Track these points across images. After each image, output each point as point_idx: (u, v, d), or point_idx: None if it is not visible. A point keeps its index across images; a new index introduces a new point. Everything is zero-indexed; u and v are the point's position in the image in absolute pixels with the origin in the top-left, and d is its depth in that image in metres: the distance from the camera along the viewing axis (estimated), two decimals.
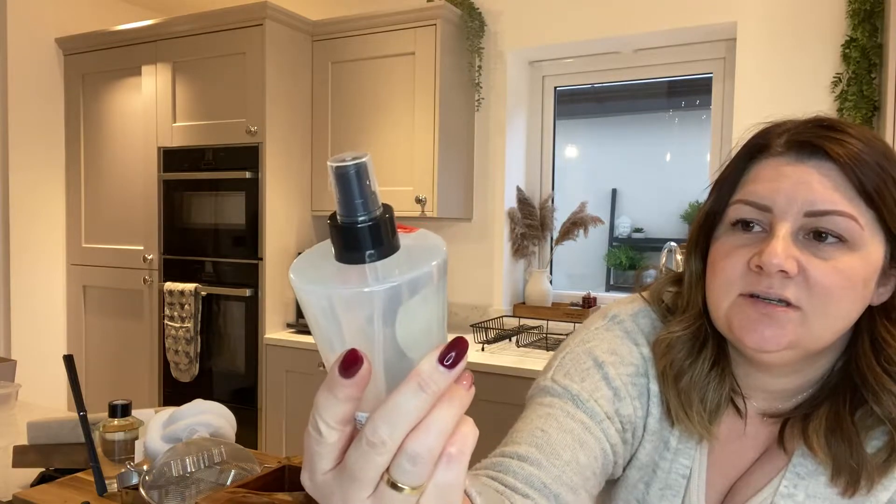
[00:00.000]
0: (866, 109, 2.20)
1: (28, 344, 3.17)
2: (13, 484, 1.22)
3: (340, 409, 0.33)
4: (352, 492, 0.33)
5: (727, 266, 0.66)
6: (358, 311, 0.34)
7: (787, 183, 0.64)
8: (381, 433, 0.32)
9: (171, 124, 2.95)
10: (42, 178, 3.22)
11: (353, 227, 0.34)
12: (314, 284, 0.34)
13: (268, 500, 0.93)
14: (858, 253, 0.63)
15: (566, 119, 3.11)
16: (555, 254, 3.02)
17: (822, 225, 0.62)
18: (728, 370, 0.73)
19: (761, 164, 0.67)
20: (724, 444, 0.75)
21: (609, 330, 0.78)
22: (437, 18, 2.64)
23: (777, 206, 0.64)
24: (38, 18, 3.17)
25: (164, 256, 3.00)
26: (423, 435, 0.32)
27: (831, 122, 0.66)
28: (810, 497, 0.68)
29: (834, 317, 0.63)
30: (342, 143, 2.87)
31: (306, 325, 2.79)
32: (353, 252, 0.34)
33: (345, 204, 0.34)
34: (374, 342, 0.34)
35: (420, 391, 0.32)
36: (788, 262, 0.61)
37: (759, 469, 0.72)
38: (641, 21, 2.58)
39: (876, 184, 0.62)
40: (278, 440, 2.73)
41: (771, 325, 0.63)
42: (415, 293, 0.35)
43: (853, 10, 2.21)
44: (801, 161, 0.64)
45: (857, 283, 0.63)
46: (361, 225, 0.34)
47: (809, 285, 0.62)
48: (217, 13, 2.79)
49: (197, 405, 1.22)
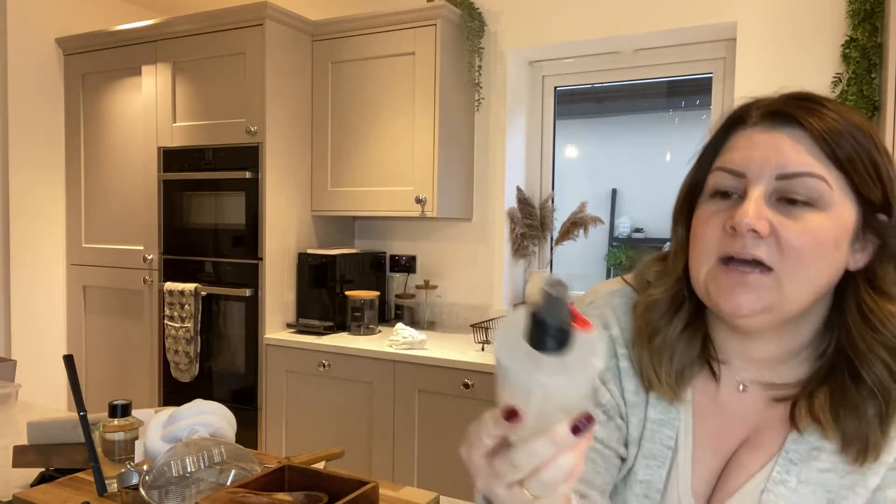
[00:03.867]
0: (866, 109, 2.20)
1: (28, 344, 3.17)
2: (13, 484, 1.22)
3: (497, 432, 0.49)
4: (494, 483, 0.50)
5: (706, 231, 0.69)
6: (536, 386, 0.47)
7: (759, 150, 0.67)
8: (521, 463, 0.48)
9: (171, 124, 2.95)
10: (42, 177, 3.22)
11: (547, 326, 0.47)
12: (513, 362, 0.48)
13: (268, 500, 0.93)
14: (828, 213, 0.65)
15: (566, 119, 3.11)
16: (555, 254, 3.02)
17: (794, 187, 0.65)
18: (701, 333, 0.76)
19: (738, 134, 0.70)
20: (708, 416, 0.76)
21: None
22: (437, 18, 2.64)
23: (750, 171, 0.67)
24: (38, 18, 3.17)
25: (164, 256, 3.00)
26: (552, 471, 0.48)
27: (807, 94, 0.69)
28: (802, 482, 0.69)
29: (806, 278, 0.66)
30: (342, 143, 2.88)
31: (306, 325, 2.80)
32: (542, 344, 0.47)
33: (548, 313, 0.47)
34: (535, 404, 0.47)
35: (552, 445, 0.47)
36: (759, 223, 0.64)
37: (750, 452, 0.73)
38: (641, 21, 2.58)
39: (848, 152, 0.65)
40: (278, 440, 2.73)
41: (745, 291, 0.66)
42: (578, 385, 0.47)
43: (853, 10, 2.21)
44: (773, 129, 0.67)
45: (826, 244, 0.65)
46: (554, 329, 0.47)
47: (780, 245, 0.65)
48: (217, 13, 2.79)
49: (197, 405, 1.22)
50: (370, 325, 2.80)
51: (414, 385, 2.43)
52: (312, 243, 2.99)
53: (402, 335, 2.51)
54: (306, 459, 1.22)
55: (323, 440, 2.63)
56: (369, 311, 2.80)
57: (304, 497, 0.97)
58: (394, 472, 2.48)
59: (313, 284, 2.86)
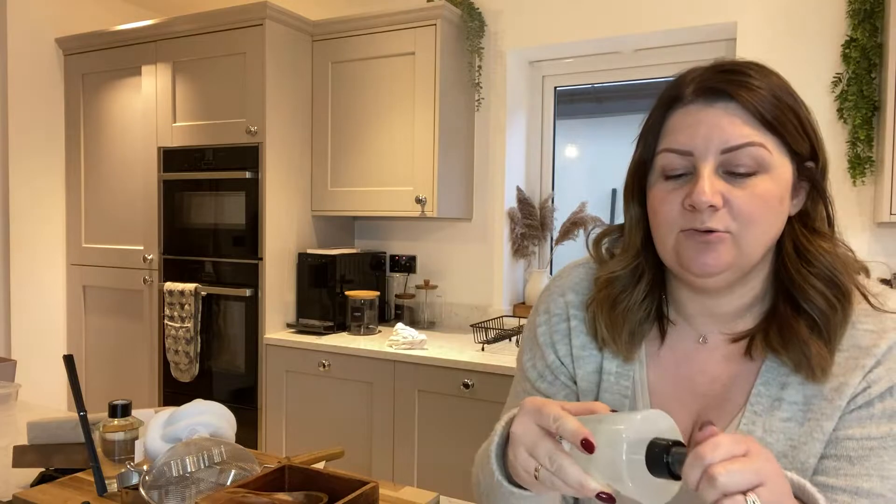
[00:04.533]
0: (866, 109, 2.20)
1: (28, 344, 3.17)
2: (13, 484, 1.22)
3: (565, 435, 0.62)
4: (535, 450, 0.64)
5: (665, 210, 0.76)
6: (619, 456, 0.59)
7: (701, 128, 0.73)
8: (557, 475, 0.63)
9: (171, 124, 2.95)
10: (42, 178, 3.22)
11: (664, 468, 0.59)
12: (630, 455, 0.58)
13: (268, 500, 0.93)
14: (770, 175, 0.72)
15: (566, 119, 3.11)
16: (555, 254, 3.02)
17: (738, 158, 0.72)
18: (656, 300, 0.84)
19: (677, 112, 0.76)
20: (668, 368, 0.84)
21: (548, 289, 0.94)
22: (436, 18, 2.64)
23: (697, 149, 0.73)
24: (38, 18, 3.17)
25: (164, 256, 3.00)
26: (562, 483, 0.63)
27: (731, 65, 0.75)
28: (767, 432, 0.75)
29: (760, 233, 0.73)
30: (342, 143, 2.88)
31: (306, 325, 2.80)
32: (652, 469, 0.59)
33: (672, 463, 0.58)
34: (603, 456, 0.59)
35: (580, 481, 0.61)
36: (715, 198, 0.71)
37: (719, 407, 0.79)
38: (641, 21, 2.58)
39: (775, 114, 0.72)
40: (278, 440, 2.73)
41: (710, 252, 0.73)
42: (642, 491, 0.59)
43: (853, 10, 2.21)
44: (709, 105, 0.73)
45: (773, 202, 0.73)
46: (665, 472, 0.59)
47: (734, 213, 0.72)
48: (217, 13, 2.79)
49: (197, 405, 1.22)
50: (370, 325, 2.80)
51: (414, 385, 2.43)
52: (312, 243, 2.99)
53: (402, 335, 2.51)
54: (306, 459, 1.22)
55: (323, 440, 2.62)
56: (369, 311, 2.80)
57: (304, 497, 0.97)
58: (394, 472, 2.48)
59: (313, 284, 2.86)
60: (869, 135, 2.21)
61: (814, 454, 0.74)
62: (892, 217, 2.06)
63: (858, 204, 2.29)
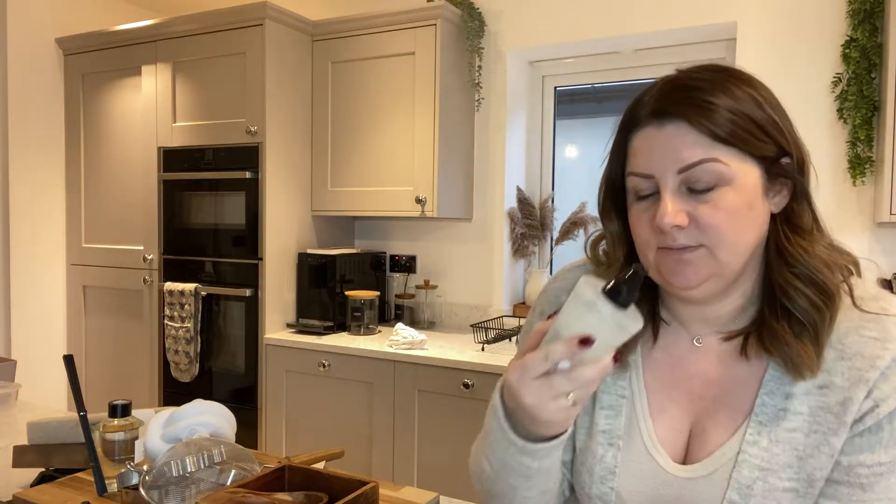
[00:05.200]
0: (866, 109, 2.20)
1: (28, 344, 3.17)
2: (13, 484, 1.22)
3: (563, 355, 0.65)
4: (547, 393, 0.67)
5: (640, 232, 0.78)
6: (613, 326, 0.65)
7: (656, 151, 0.74)
8: (578, 378, 0.66)
9: (171, 124, 2.95)
10: (42, 177, 3.22)
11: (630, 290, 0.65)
12: (601, 303, 0.65)
13: (268, 500, 0.93)
14: (732, 186, 0.72)
15: (566, 119, 3.11)
16: (555, 254, 3.02)
17: (695, 175, 0.72)
18: (646, 307, 0.84)
19: (636, 135, 0.77)
20: (663, 368, 0.84)
21: (545, 291, 0.95)
22: (437, 18, 2.64)
23: (655, 172, 0.74)
24: (38, 18, 3.17)
25: (164, 256, 3.00)
26: (592, 386, 0.68)
27: (684, 81, 0.75)
28: (773, 442, 0.75)
29: (734, 242, 0.73)
30: (342, 143, 2.87)
31: (306, 325, 2.80)
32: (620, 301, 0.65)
33: (632, 282, 0.65)
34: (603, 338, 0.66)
35: (601, 370, 0.67)
36: (678, 217, 0.72)
37: (722, 412, 0.79)
38: (641, 21, 2.58)
39: (728, 128, 0.71)
40: (278, 440, 2.73)
41: (688, 267, 0.74)
42: (628, 335, 0.66)
43: (853, 10, 2.21)
44: (661, 127, 0.74)
45: (741, 211, 0.73)
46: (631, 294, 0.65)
47: (701, 228, 0.73)
48: (217, 13, 2.79)
49: (197, 405, 1.22)
50: (370, 325, 2.80)
51: (414, 385, 2.43)
52: (312, 243, 2.99)
53: (402, 335, 2.51)
54: (306, 459, 1.22)
55: (323, 440, 2.62)
56: (369, 311, 2.80)
57: (304, 497, 0.97)
58: (394, 472, 2.48)
59: (313, 284, 2.86)
60: (869, 135, 2.20)
61: (820, 467, 0.74)
62: (892, 217, 2.06)
63: (858, 204, 2.29)
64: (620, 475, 0.82)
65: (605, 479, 0.82)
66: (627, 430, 0.83)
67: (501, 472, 0.77)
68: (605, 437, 0.83)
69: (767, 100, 0.75)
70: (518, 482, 0.77)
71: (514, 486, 0.78)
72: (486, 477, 0.80)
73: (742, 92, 0.73)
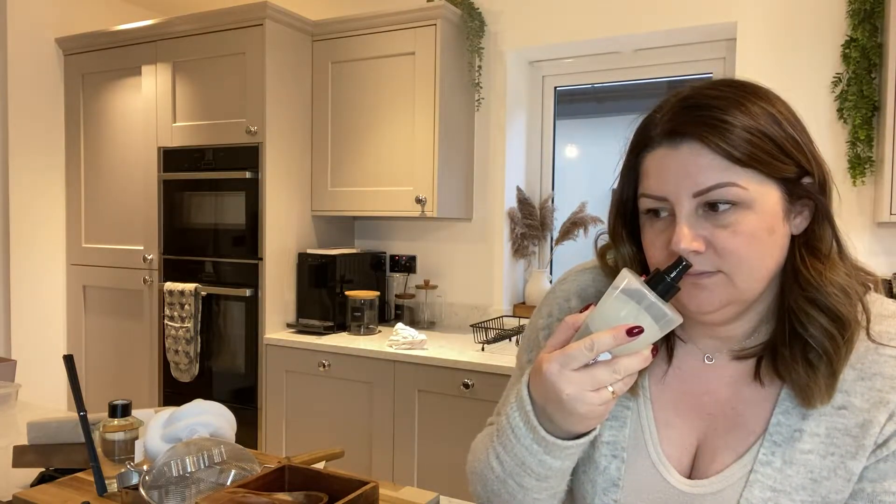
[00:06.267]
0: (866, 109, 2.20)
1: (28, 344, 3.17)
2: (13, 484, 1.22)
3: (610, 345, 0.66)
4: (588, 385, 0.66)
5: (655, 254, 0.74)
6: (659, 317, 0.67)
7: (670, 173, 0.71)
8: (620, 371, 0.67)
9: (171, 124, 2.95)
10: (42, 177, 3.22)
11: (671, 284, 0.68)
12: (649, 295, 0.67)
13: (268, 500, 0.93)
14: (752, 209, 0.69)
15: (566, 119, 3.11)
16: (555, 254, 3.02)
17: (711, 198, 0.69)
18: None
19: (648, 156, 0.74)
20: (672, 383, 0.82)
21: (553, 292, 0.93)
22: (437, 18, 2.64)
23: (670, 195, 0.71)
24: (38, 18, 3.17)
25: (164, 256, 3.00)
26: (633, 377, 0.69)
27: (698, 99, 0.71)
28: (787, 463, 0.73)
29: (753, 268, 0.70)
30: (342, 143, 2.87)
31: (306, 325, 2.80)
32: (663, 293, 0.67)
33: (673, 275, 0.68)
34: (648, 329, 0.67)
35: (642, 361, 0.68)
36: (695, 243, 0.69)
37: (733, 432, 0.77)
38: (641, 21, 2.58)
39: (746, 150, 0.68)
40: (278, 440, 2.73)
41: (704, 292, 0.71)
42: (663, 326, 0.68)
43: (853, 10, 2.21)
44: (675, 148, 0.71)
45: (760, 235, 0.69)
46: (673, 287, 0.68)
47: (719, 253, 0.70)
48: (217, 13, 2.79)
49: (197, 405, 1.22)
50: (370, 325, 2.80)
51: (414, 385, 2.43)
52: (312, 243, 2.99)
53: (402, 335, 2.51)
54: (306, 459, 1.22)
55: (323, 440, 2.63)
56: (369, 311, 2.80)
57: (304, 497, 0.97)
58: (394, 472, 2.48)
59: (313, 284, 2.86)
60: (869, 135, 2.21)
61: (836, 490, 0.72)
62: (892, 217, 2.06)
63: (858, 204, 2.29)
64: (624, 487, 0.80)
65: (608, 491, 0.80)
66: (632, 443, 0.81)
67: (514, 472, 0.75)
68: (609, 449, 0.81)
69: (786, 116, 0.71)
70: (531, 483, 0.75)
71: (525, 488, 0.76)
72: (494, 478, 0.78)
73: (759, 109, 0.69)
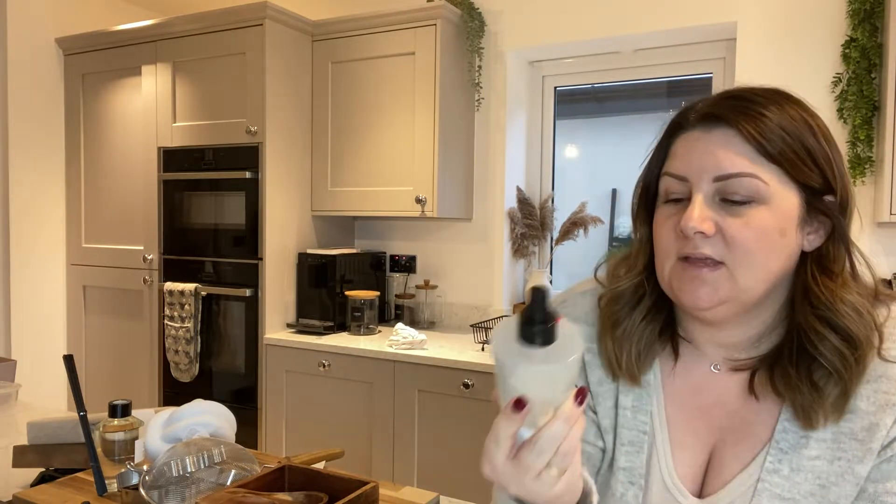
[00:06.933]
0: (866, 109, 2.20)
1: (28, 344, 3.17)
2: (13, 484, 1.22)
3: (511, 429, 0.58)
4: (525, 476, 0.58)
5: (663, 235, 0.74)
6: (533, 375, 0.56)
7: (696, 154, 0.71)
8: (546, 447, 0.57)
9: (171, 124, 2.95)
10: (42, 177, 3.22)
11: (533, 324, 0.56)
12: (510, 358, 0.57)
13: (268, 500, 0.93)
14: (768, 206, 0.69)
15: (566, 119, 3.11)
16: (555, 254, 3.02)
17: (731, 187, 0.69)
18: (660, 321, 0.80)
19: (680, 138, 0.74)
20: (684, 399, 0.80)
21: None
22: (437, 18, 2.64)
23: (691, 176, 0.71)
24: (38, 18, 3.17)
25: (164, 256, 3.00)
26: (570, 443, 0.58)
27: (740, 92, 0.72)
28: (794, 470, 0.72)
29: (757, 267, 0.70)
30: (342, 143, 2.88)
31: (306, 325, 2.80)
32: (531, 339, 0.56)
33: (534, 312, 0.56)
34: (537, 391, 0.57)
35: (566, 422, 0.57)
36: (704, 224, 0.69)
37: (740, 443, 0.76)
38: (641, 21, 2.58)
39: (778, 146, 0.68)
40: (278, 440, 2.73)
41: (702, 286, 0.70)
42: (567, 369, 0.57)
43: (853, 10, 2.21)
44: (707, 132, 0.71)
45: (771, 234, 0.69)
46: (539, 326, 0.56)
47: (727, 242, 0.69)
48: (217, 13, 2.79)
49: (197, 405, 1.22)
50: (370, 325, 2.80)
51: (414, 385, 2.43)
52: (312, 243, 2.99)
53: (402, 335, 2.51)
54: (306, 459, 1.22)
55: (323, 440, 2.63)
56: (369, 311, 2.80)
57: (304, 497, 0.97)
58: (394, 472, 2.48)
59: (313, 284, 2.86)
60: (869, 135, 2.21)
61: (844, 496, 0.71)
62: (892, 217, 2.06)
63: (858, 204, 2.27)
64: None
65: None
66: (647, 468, 0.79)
67: None
68: (626, 475, 0.80)
69: (822, 131, 0.71)
70: None
71: None
72: None
73: (798, 115, 0.70)
